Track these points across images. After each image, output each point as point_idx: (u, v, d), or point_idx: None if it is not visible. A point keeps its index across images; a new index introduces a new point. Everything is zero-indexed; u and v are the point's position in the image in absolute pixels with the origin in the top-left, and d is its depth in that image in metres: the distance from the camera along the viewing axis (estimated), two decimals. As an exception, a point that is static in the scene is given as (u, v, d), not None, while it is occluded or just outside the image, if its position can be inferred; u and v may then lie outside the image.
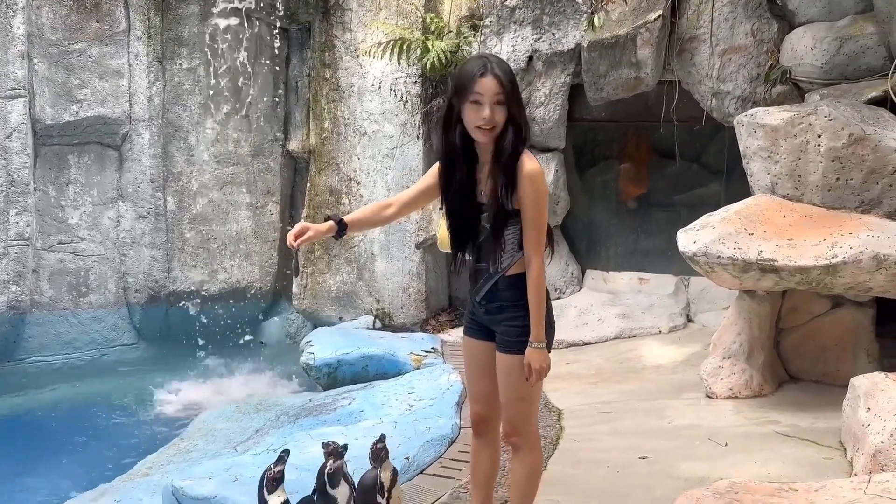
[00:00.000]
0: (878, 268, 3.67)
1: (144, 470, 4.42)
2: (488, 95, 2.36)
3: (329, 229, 2.57)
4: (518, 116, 2.41)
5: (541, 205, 2.44)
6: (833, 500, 2.91)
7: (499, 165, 2.41)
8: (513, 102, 2.39)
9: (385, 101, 6.46)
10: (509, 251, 2.48)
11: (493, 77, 2.36)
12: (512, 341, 2.51)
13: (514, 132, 2.39)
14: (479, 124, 2.38)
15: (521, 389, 2.54)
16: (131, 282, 6.71)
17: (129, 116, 6.57)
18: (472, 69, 2.39)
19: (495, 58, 2.47)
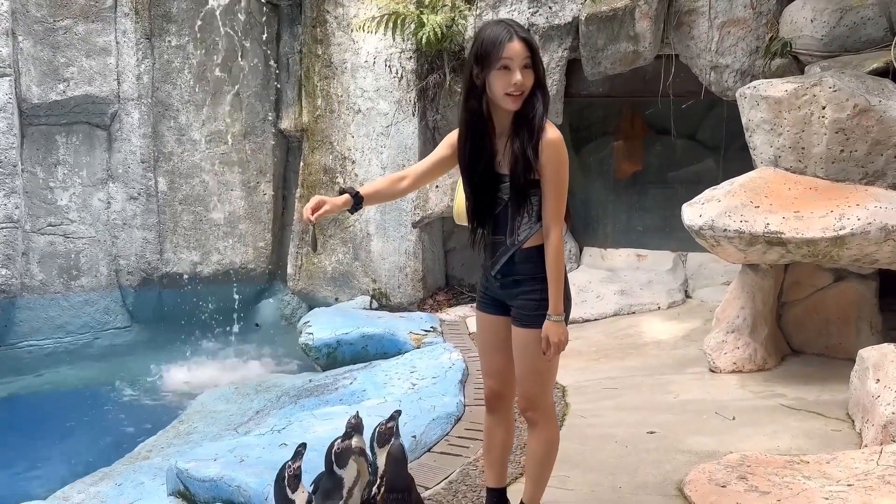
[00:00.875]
0: (885, 239, 3.65)
1: (145, 453, 4.38)
2: (518, 60, 2.30)
3: (345, 203, 2.50)
4: (544, 80, 2.39)
5: (563, 174, 2.39)
6: (846, 472, 2.91)
7: (522, 133, 2.35)
8: (539, 66, 2.36)
9: (379, 77, 6.36)
10: (527, 223, 2.44)
11: (520, 41, 2.31)
12: (529, 315, 2.46)
13: (542, 96, 2.36)
14: (510, 91, 2.32)
15: (537, 364, 2.50)
16: (123, 264, 6.61)
17: (118, 95, 6.43)
18: (497, 34, 2.32)
19: (515, 22, 2.41)
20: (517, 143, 2.36)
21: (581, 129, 6.50)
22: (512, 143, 2.38)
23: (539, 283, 2.44)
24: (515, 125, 2.37)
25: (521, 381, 2.54)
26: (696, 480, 2.97)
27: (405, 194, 2.72)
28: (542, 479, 2.64)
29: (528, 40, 2.33)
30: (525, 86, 2.33)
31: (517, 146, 2.36)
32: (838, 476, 2.89)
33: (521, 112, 2.36)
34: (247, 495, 3.12)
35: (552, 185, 2.38)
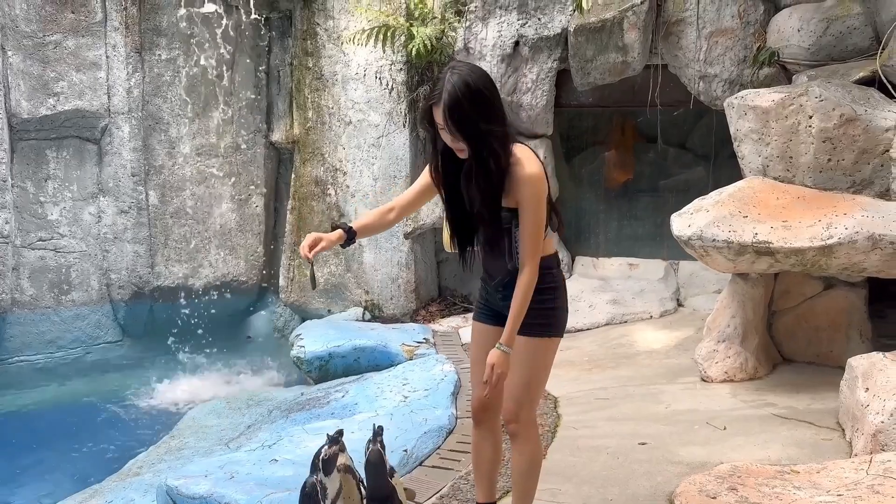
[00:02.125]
0: (873, 248, 3.67)
1: (135, 469, 4.34)
2: (441, 123, 2.30)
3: (339, 238, 2.51)
4: (478, 137, 2.28)
5: (540, 211, 2.36)
6: (836, 481, 2.91)
7: (485, 177, 2.33)
8: (464, 128, 2.27)
9: (370, 89, 6.37)
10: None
11: (439, 107, 2.27)
12: (529, 323, 2.45)
13: (488, 152, 2.29)
14: (452, 147, 2.35)
15: (529, 373, 2.50)
16: (114, 278, 6.58)
17: (108, 109, 6.42)
18: (431, 92, 2.32)
19: (456, 73, 2.29)
20: (482, 185, 2.34)
21: (571, 139, 6.53)
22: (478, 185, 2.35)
23: (540, 294, 2.44)
24: (478, 172, 2.34)
25: (509, 389, 2.52)
26: (686, 492, 2.96)
27: (393, 225, 2.73)
28: (528, 493, 2.63)
29: (444, 109, 2.26)
30: (457, 144, 2.32)
31: (482, 188, 2.34)
32: (828, 486, 2.89)
33: (475, 162, 2.33)
34: (237, 512, 3.09)
35: (528, 221, 2.35)
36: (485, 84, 2.31)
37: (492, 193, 2.34)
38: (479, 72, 2.34)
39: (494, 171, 2.32)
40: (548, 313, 2.49)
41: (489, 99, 2.31)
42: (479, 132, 2.28)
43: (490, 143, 2.29)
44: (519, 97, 6.10)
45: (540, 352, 2.52)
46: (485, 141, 2.29)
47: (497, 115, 2.32)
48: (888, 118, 4.07)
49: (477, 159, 2.31)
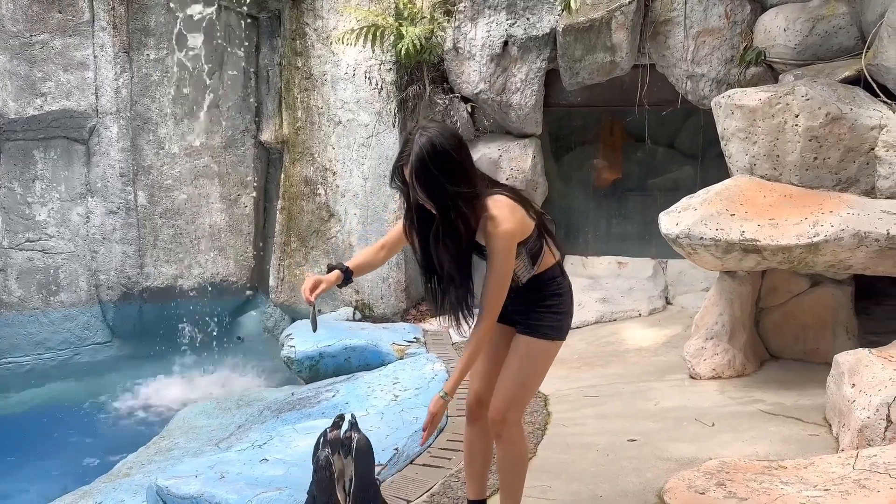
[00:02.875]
0: (858, 245, 3.70)
1: (125, 470, 4.33)
2: (410, 184, 2.30)
3: (337, 278, 2.53)
4: (445, 199, 2.26)
5: (506, 267, 2.35)
6: (823, 476, 2.94)
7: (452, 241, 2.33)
8: (431, 190, 2.25)
9: (359, 88, 6.38)
10: (523, 269, 2.47)
11: (408, 167, 2.26)
12: (538, 325, 2.50)
13: (455, 214, 2.28)
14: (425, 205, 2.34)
15: (526, 373, 2.52)
16: (103, 279, 6.55)
17: (96, 109, 6.40)
18: (400, 153, 2.31)
19: (425, 135, 2.26)
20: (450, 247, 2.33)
21: (560, 139, 6.55)
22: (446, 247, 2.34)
23: (550, 300, 2.49)
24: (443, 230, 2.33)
25: (503, 385, 2.53)
26: (675, 488, 2.98)
27: (385, 262, 2.73)
28: (515, 491, 2.64)
29: (413, 165, 2.24)
30: (428, 205, 2.30)
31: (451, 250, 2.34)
32: (815, 481, 2.92)
33: (442, 223, 2.31)
34: (227, 511, 3.09)
35: (494, 276, 2.35)
36: (453, 146, 2.28)
37: (459, 256, 2.34)
38: (448, 133, 2.31)
39: (463, 234, 2.31)
40: (555, 317, 2.53)
41: (457, 161, 2.28)
42: (445, 194, 2.26)
43: (458, 206, 2.27)
44: (508, 97, 6.12)
45: (542, 353, 2.55)
46: (452, 203, 2.27)
47: (465, 177, 2.29)
48: (873, 117, 4.12)
49: (444, 221, 2.30)
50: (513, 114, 6.16)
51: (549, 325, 2.51)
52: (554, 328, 2.53)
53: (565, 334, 2.58)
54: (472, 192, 2.30)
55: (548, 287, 2.50)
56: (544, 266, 2.49)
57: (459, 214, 2.28)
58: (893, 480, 2.78)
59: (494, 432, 2.58)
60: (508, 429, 2.54)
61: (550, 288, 2.50)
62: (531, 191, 6.24)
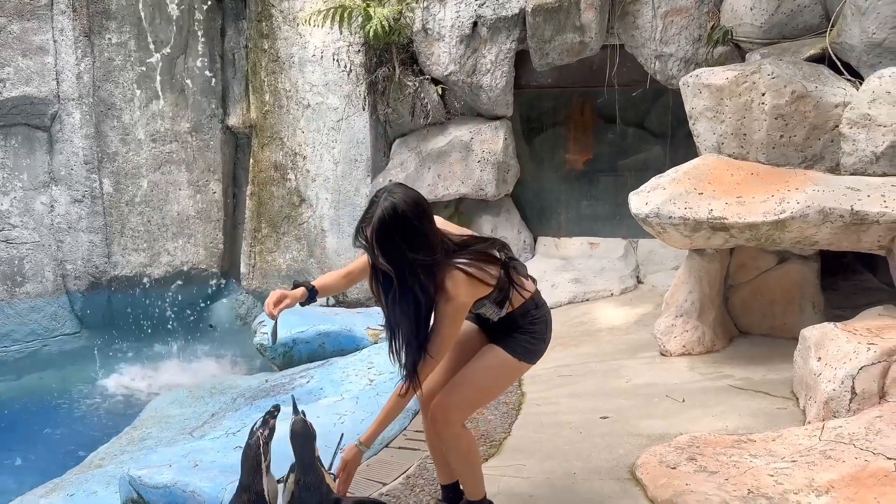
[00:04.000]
0: (823, 221, 3.76)
1: (97, 461, 4.29)
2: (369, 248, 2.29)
3: (302, 295, 2.51)
4: (403, 265, 2.26)
5: (446, 340, 2.37)
6: (790, 448, 3.01)
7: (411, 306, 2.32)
8: (389, 255, 2.26)
9: (328, 71, 6.30)
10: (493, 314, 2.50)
11: (368, 231, 2.26)
12: (513, 341, 2.52)
13: (413, 280, 2.27)
14: None
15: (485, 381, 2.54)
16: (70, 269, 6.44)
17: (58, 95, 6.25)
18: (364, 214, 2.29)
19: (389, 199, 2.25)
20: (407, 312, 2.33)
21: (531, 120, 6.55)
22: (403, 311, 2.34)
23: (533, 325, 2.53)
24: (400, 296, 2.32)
25: (459, 385, 2.51)
26: (647, 463, 3.03)
27: (348, 288, 2.73)
28: (473, 475, 2.63)
29: (374, 228, 2.23)
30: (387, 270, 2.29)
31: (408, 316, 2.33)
32: (783, 453, 2.98)
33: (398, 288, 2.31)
34: (201, 500, 3.08)
35: (434, 342, 2.35)
36: (415, 213, 2.25)
37: (418, 320, 2.33)
38: (413, 198, 2.28)
39: (422, 301, 2.30)
40: (530, 341, 2.55)
41: (418, 229, 2.26)
42: (404, 261, 2.25)
43: (416, 273, 2.27)
44: (479, 78, 6.09)
45: (507, 368, 2.56)
46: (410, 270, 2.26)
47: (425, 245, 2.27)
48: (837, 94, 4.17)
49: (401, 287, 2.29)
50: (483, 95, 6.14)
51: (523, 346, 2.53)
52: (528, 350, 2.55)
53: (535, 360, 2.60)
54: (432, 261, 2.28)
55: (524, 319, 2.53)
56: (516, 304, 2.51)
57: (417, 281, 2.27)
58: (858, 450, 2.85)
59: (435, 428, 2.56)
60: (450, 428, 2.52)
61: (526, 319, 2.54)
62: (503, 172, 6.24)
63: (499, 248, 2.48)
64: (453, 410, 2.50)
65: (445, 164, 6.21)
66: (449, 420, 2.51)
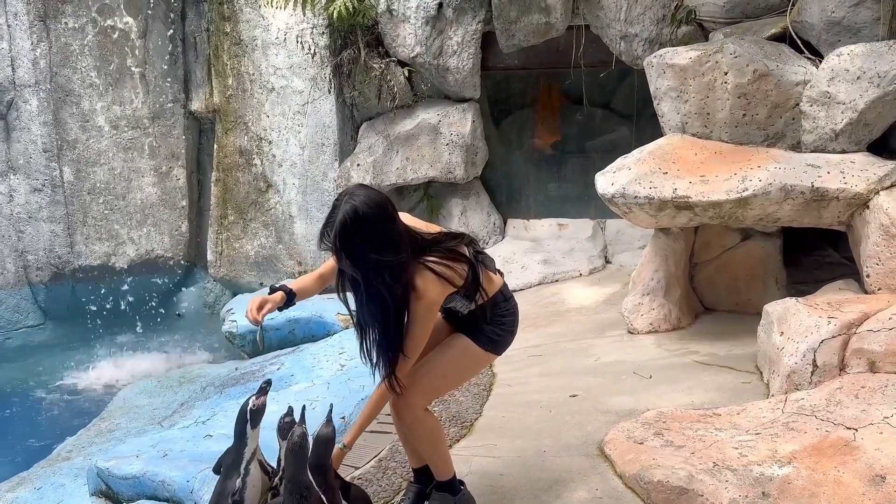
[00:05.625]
0: (785, 198, 3.83)
1: (65, 454, 4.23)
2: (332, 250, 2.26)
3: (281, 299, 2.51)
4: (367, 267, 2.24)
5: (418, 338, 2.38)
6: (754, 422, 3.07)
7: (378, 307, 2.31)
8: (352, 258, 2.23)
9: (292, 54, 6.22)
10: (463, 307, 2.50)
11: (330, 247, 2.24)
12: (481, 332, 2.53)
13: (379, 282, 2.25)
14: None
15: (450, 371, 2.55)
16: (31, 259, 6.30)
17: (13, 82, 6.08)
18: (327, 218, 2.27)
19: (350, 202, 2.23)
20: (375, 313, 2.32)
21: (499, 102, 6.54)
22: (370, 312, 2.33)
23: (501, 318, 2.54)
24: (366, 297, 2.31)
25: (423, 371, 2.51)
26: (615, 439, 3.08)
27: (322, 289, 2.70)
28: (439, 456, 2.65)
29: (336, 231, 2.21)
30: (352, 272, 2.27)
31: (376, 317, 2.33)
32: (747, 426, 3.04)
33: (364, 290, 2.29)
34: (171, 490, 3.06)
35: (409, 340, 2.37)
36: (377, 214, 2.23)
37: (386, 322, 2.32)
38: (374, 200, 2.25)
39: (390, 303, 2.29)
40: (498, 331, 2.56)
41: (380, 230, 2.24)
42: (368, 262, 2.23)
43: (381, 274, 2.25)
44: (445, 60, 6.05)
45: (473, 357, 2.58)
46: (375, 271, 2.24)
47: (389, 246, 2.25)
48: (798, 73, 4.23)
49: (367, 288, 2.27)
50: (450, 77, 6.11)
51: (489, 336, 2.54)
52: (493, 341, 2.57)
53: (501, 351, 2.62)
54: (398, 261, 2.26)
55: (493, 311, 2.54)
56: (490, 289, 2.52)
57: (383, 283, 2.26)
58: (819, 421, 2.92)
59: (396, 413, 2.57)
60: (411, 413, 2.53)
61: (495, 311, 2.55)
62: (471, 155, 6.23)
63: (467, 243, 2.49)
64: (415, 397, 2.50)
65: (414, 147, 6.18)
66: (410, 406, 2.52)
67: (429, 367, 2.52)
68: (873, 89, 3.89)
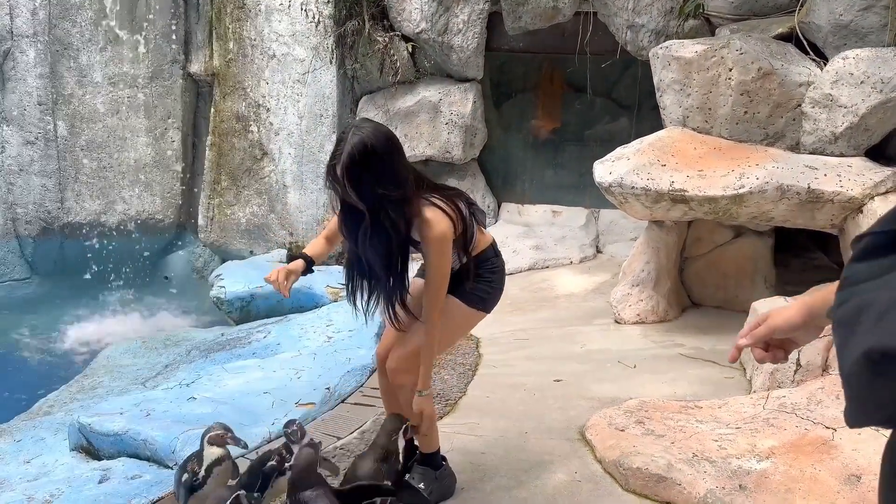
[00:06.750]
0: (781, 197, 3.84)
1: (46, 408, 4.21)
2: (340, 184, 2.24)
3: (302, 266, 2.53)
4: (373, 201, 2.23)
5: (442, 270, 2.39)
6: (735, 416, 3.10)
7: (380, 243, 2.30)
8: (359, 191, 2.21)
9: (295, 21, 6.15)
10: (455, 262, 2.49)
11: (339, 168, 2.21)
12: (468, 292, 2.53)
13: (384, 216, 2.25)
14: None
15: (443, 332, 2.54)
16: (20, 212, 6.25)
17: (11, 31, 5.99)
18: (333, 151, 2.24)
19: (357, 134, 2.22)
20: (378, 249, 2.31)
21: (501, 85, 6.51)
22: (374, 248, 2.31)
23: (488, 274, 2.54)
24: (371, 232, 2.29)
25: (413, 337, 2.53)
26: (596, 425, 3.10)
27: (332, 250, 2.76)
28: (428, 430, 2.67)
29: (344, 165, 2.19)
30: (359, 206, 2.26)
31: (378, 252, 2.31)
32: (728, 420, 3.08)
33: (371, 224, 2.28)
34: (153, 448, 3.06)
35: (431, 278, 2.39)
36: (385, 147, 2.23)
37: (389, 257, 2.32)
38: (381, 133, 2.26)
39: (393, 237, 2.28)
40: (485, 289, 2.57)
41: (387, 163, 2.24)
42: (373, 196, 2.23)
43: (386, 208, 2.24)
44: (450, 38, 6.01)
45: (462, 317, 2.59)
46: (381, 205, 2.24)
47: (396, 179, 2.25)
48: (802, 74, 4.23)
49: (373, 222, 2.26)
50: (454, 56, 6.07)
51: (478, 294, 2.55)
52: (482, 298, 2.58)
53: (490, 308, 2.63)
54: (402, 195, 2.27)
55: (483, 266, 2.55)
56: (478, 249, 2.53)
57: (387, 217, 2.26)
58: (799, 419, 2.96)
59: (394, 381, 2.60)
60: (409, 377, 2.55)
61: (485, 267, 2.56)
62: (470, 136, 6.21)
63: (463, 197, 2.50)
64: (410, 360, 2.53)
65: (413, 124, 6.15)
66: (408, 370, 2.54)
67: (419, 332, 2.53)
68: (876, 94, 3.90)
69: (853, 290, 0.88)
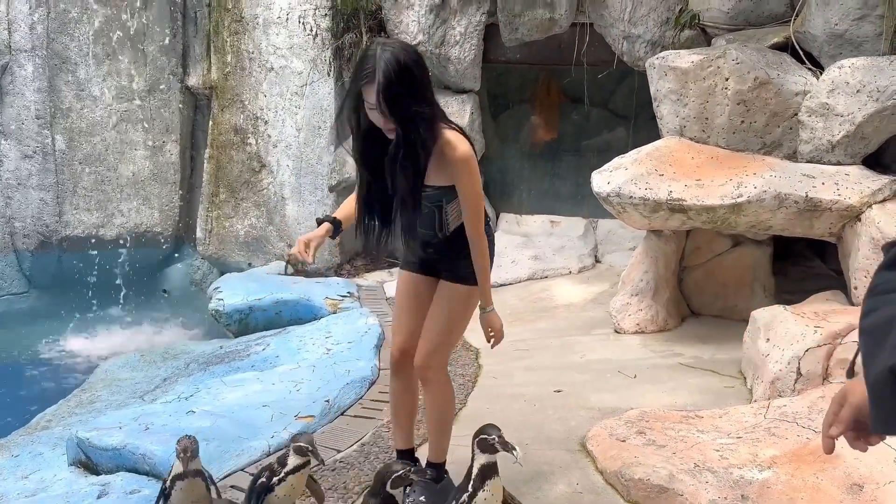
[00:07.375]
0: (779, 206, 3.85)
1: (44, 423, 4.19)
2: (372, 103, 2.22)
3: (327, 231, 2.50)
4: (409, 118, 2.22)
5: (476, 187, 2.39)
6: (736, 425, 3.10)
7: (412, 162, 2.29)
8: (396, 108, 2.20)
9: (293, 34, 6.17)
10: (453, 220, 2.48)
11: (372, 85, 2.18)
12: (460, 273, 2.52)
13: (416, 134, 2.24)
14: (381, 127, 2.28)
15: (450, 321, 2.56)
16: (18, 226, 6.24)
17: (9, 46, 6.00)
18: (360, 70, 2.22)
19: (388, 50, 2.20)
20: (408, 169, 2.29)
21: (498, 96, 6.53)
22: (404, 169, 2.30)
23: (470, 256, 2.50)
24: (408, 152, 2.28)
25: (429, 332, 2.55)
26: (597, 435, 3.09)
27: None
28: (444, 436, 2.69)
29: (379, 86, 2.16)
30: (387, 125, 2.25)
31: (409, 172, 2.30)
32: (729, 429, 3.07)
33: (403, 143, 2.26)
34: (152, 463, 3.04)
35: (468, 198, 2.38)
36: (417, 63, 2.25)
37: (417, 178, 2.32)
38: (411, 50, 2.29)
39: (422, 156, 2.28)
40: None
41: (420, 79, 2.25)
42: (409, 113, 2.22)
43: (418, 126, 2.24)
44: (447, 50, 6.03)
45: (466, 299, 2.57)
46: (414, 122, 2.24)
47: (427, 96, 2.28)
48: (798, 83, 4.25)
49: (405, 142, 2.25)
50: (451, 68, 6.09)
51: (469, 270, 2.52)
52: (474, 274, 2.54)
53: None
54: (432, 112, 2.28)
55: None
56: None
57: (420, 135, 2.25)
58: (800, 429, 2.95)
59: (421, 378, 2.62)
60: (435, 374, 2.58)
61: None
62: (467, 147, 6.21)
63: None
64: (432, 355, 2.55)
65: (410, 135, 6.16)
66: (431, 366, 2.56)
67: (432, 327, 2.55)
68: (872, 103, 3.92)
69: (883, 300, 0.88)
